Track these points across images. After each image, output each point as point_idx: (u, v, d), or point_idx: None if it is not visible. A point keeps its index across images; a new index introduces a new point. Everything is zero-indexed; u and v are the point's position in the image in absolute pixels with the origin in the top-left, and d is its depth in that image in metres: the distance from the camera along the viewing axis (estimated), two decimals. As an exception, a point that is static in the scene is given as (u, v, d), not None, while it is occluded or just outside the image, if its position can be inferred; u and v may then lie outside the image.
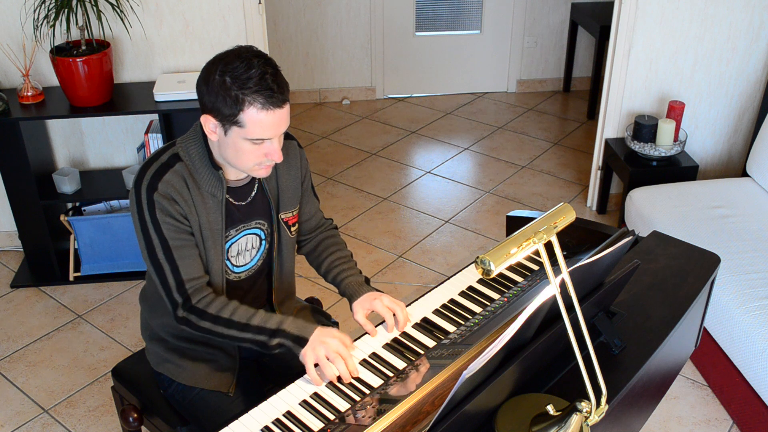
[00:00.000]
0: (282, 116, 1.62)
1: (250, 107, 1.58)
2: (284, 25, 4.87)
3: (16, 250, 3.57)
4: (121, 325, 3.11)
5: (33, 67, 3.19)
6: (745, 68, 3.55)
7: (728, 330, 2.54)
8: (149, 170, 1.69)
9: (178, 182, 1.68)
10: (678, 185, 3.24)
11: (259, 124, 1.60)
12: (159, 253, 1.70)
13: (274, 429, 1.55)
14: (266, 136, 1.62)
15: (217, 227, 1.75)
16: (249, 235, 1.84)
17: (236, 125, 1.60)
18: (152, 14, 3.23)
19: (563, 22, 5.09)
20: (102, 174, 3.43)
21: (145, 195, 1.67)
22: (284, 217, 1.88)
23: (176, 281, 1.71)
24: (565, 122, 4.88)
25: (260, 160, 1.66)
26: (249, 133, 1.60)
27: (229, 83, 1.57)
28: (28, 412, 2.70)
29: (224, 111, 1.59)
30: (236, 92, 1.57)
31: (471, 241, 3.64)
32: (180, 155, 1.71)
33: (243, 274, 1.87)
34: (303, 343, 1.69)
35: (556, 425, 1.31)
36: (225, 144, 1.65)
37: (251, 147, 1.63)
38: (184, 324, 1.75)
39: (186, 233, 1.71)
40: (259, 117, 1.59)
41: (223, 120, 1.61)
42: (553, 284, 1.28)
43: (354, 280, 1.92)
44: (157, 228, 1.68)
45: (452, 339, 1.76)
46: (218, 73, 1.58)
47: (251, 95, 1.57)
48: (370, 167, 4.32)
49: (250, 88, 1.56)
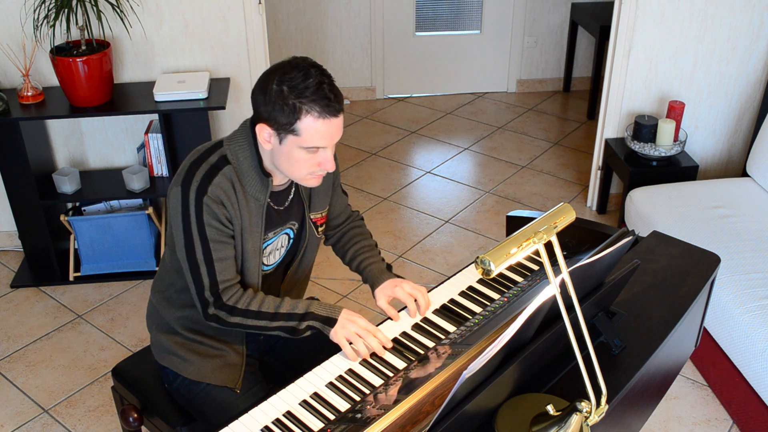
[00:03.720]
0: (337, 125, 1.66)
1: (308, 116, 1.61)
2: (284, 25, 4.87)
3: (16, 250, 3.57)
4: (121, 325, 3.11)
5: (33, 67, 3.19)
6: (745, 68, 3.55)
7: (728, 330, 2.54)
8: (198, 171, 1.70)
9: (227, 186, 1.71)
10: (678, 185, 3.24)
11: (315, 133, 1.63)
12: (198, 253, 1.72)
13: (274, 429, 1.55)
14: (321, 145, 1.65)
15: (257, 230, 1.78)
16: (282, 235, 1.88)
17: (292, 134, 1.63)
18: (152, 14, 3.23)
19: (563, 22, 5.09)
20: (102, 174, 3.43)
21: (194, 196, 1.68)
22: (314, 218, 1.92)
23: (210, 282, 1.74)
24: (565, 122, 4.88)
25: (313, 169, 1.70)
26: (305, 141, 1.63)
27: (287, 92, 1.60)
28: (28, 412, 2.70)
29: (281, 120, 1.62)
30: (294, 101, 1.60)
31: (471, 241, 3.64)
32: (228, 158, 1.73)
33: (269, 270, 1.91)
34: (332, 323, 1.75)
35: (556, 425, 1.31)
36: (279, 153, 1.68)
37: (306, 156, 1.66)
38: (214, 321, 1.78)
39: (228, 236, 1.74)
40: (315, 125, 1.62)
41: (279, 129, 1.64)
42: (553, 284, 1.29)
43: (376, 267, 1.98)
44: (201, 229, 1.70)
45: (452, 339, 1.76)
46: (276, 83, 1.61)
47: (309, 104, 1.60)
48: (370, 167, 4.32)
49: (307, 97, 1.60)
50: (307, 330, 1.77)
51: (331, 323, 1.76)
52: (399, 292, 1.88)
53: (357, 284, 3.31)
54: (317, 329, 1.77)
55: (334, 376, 1.67)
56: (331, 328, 1.75)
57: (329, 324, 1.76)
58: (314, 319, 1.77)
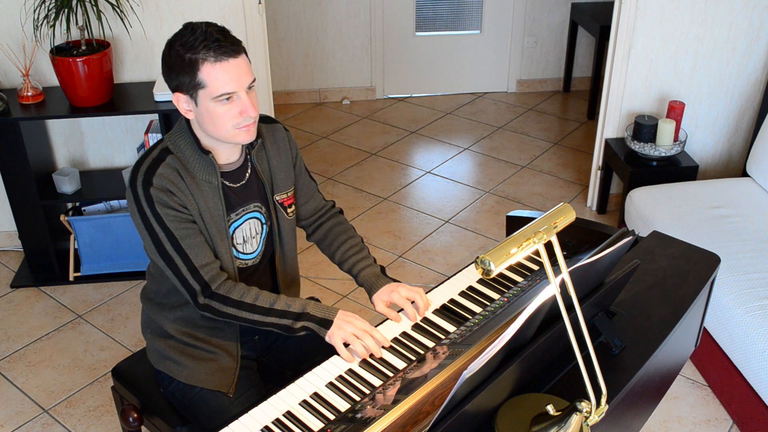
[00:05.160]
0: (239, 65, 1.66)
1: (204, 63, 1.63)
2: (284, 25, 4.87)
3: (16, 250, 3.57)
4: (121, 325, 3.11)
5: (33, 67, 3.19)
6: (745, 68, 3.55)
7: (728, 330, 2.54)
8: (141, 167, 1.72)
9: (172, 174, 1.71)
10: (678, 185, 3.24)
11: (218, 79, 1.64)
12: (167, 245, 1.72)
13: (274, 429, 1.55)
14: (229, 89, 1.65)
15: (218, 213, 1.77)
16: (251, 219, 1.86)
17: (200, 88, 1.65)
18: (152, 14, 3.23)
19: (563, 22, 5.09)
20: (102, 174, 3.43)
21: (142, 191, 1.69)
22: (279, 199, 1.90)
23: (189, 269, 1.74)
24: (565, 122, 4.88)
25: (237, 120, 1.69)
26: (213, 90, 1.64)
27: (181, 51, 1.63)
28: (28, 412, 2.70)
29: (185, 80, 1.65)
30: (188, 55, 1.63)
31: (471, 241, 3.64)
32: (170, 148, 1.75)
33: (250, 261, 1.90)
34: (328, 325, 1.74)
35: (556, 425, 1.31)
36: (200, 116, 1.69)
37: (223, 108, 1.67)
38: (207, 311, 1.77)
39: (188, 221, 1.73)
40: (215, 70, 1.63)
41: (188, 90, 1.66)
42: (553, 284, 1.28)
43: (370, 272, 1.97)
44: (160, 221, 1.70)
45: (452, 339, 1.76)
46: (169, 47, 1.66)
47: (201, 52, 1.62)
48: (370, 167, 4.32)
49: (197, 47, 1.62)
50: (302, 330, 1.76)
51: (327, 325, 1.75)
52: (396, 296, 1.87)
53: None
54: (313, 330, 1.76)
55: (334, 376, 1.67)
56: (327, 330, 1.75)
57: (325, 326, 1.75)
58: (310, 320, 1.76)
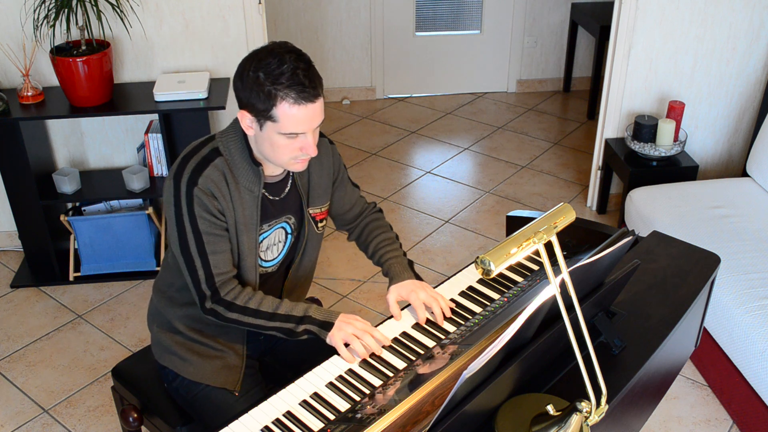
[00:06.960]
0: (314, 110, 1.66)
1: (283, 102, 1.62)
2: (284, 25, 4.87)
3: (16, 250, 3.57)
4: (121, 325, 3.11)
5: (33, 67, 3.19)
6: (745, 68, 3.55)
7: (728, 330, 2.54)
8: (189, 164, 1.71)
9: (218, 177, 1.71)
10: (678, 185, 3.24)
11: (292, 119, 1.63)
12: (192, 246, 1.72)
13: (274, 429, 1.55)
14: (299, 131, 1.65)
15: (252, 222, 1.78)
16: (278, 229, 1.87)
17: (270, 120, 1.64)
18: (152, 14, 3.23)
19: (563, 22, 5.09)
20: (102, 174, 3.43)
21: (185, 189, 1.69)
22: (312, 213, 1.91)
23: (206, 274, 1.74)
24: (565, 122, 4.88)
25: (295, 154, 1.70)
26: (283, 127, 1.64)
27: (262, 79, 1.61)
28: (28, 412, 2.70)
29: (258, 106, 1.63)
30: (269, 88, 1.61)
31: (471, 241, 3.64)
32: (220, 150, 1.74)
33: (271, 269, 1.91)
34: (329, 327, 1.75)
35: (556, 425, 1.31)
36: (261, 139, 1.69)
37: (286, 141, 1.67)
38: (212, 315, 1.78)
39: (221, 229, 1.74)
40: (291, 111, 1.62)
41: (257, 115, 1.65)
42: (553, 284, 1.28)
43: (397, 262, 1.97)
44: (194, 222, 1.71)
45: (452, 339, 1.76)
46: (252, 70, 1.63)
47: (283, 90, 1.61)
48: (370, 167, 4.32)
49: (282, 84, 1.60)
50: (304, 333, 1.77)
51: (328, 327, 1.76)
52: (413, 297, 1.85)
53: (357, 284, 3.31)
54: (314, 333, 1.77)
55: (334, 376, 1.67)
56: (328, 332, 1.75)
57: (326, 328, 1.76)
58: (311, 323, 1.77)
